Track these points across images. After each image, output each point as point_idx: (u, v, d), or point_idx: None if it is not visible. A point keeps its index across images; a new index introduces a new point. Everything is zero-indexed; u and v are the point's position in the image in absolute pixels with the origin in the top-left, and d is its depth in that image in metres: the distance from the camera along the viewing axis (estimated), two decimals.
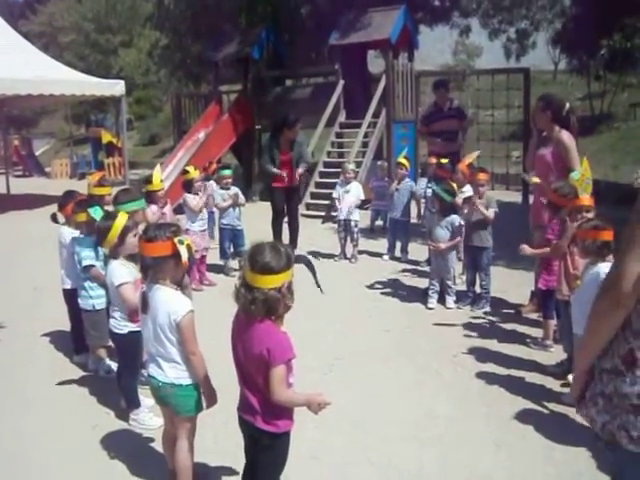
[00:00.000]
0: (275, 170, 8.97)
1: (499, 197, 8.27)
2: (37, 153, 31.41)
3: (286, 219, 9.50)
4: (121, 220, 4.43)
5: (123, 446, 4.26)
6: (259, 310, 2.89)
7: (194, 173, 8.24)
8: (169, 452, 3.70)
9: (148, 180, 7.15)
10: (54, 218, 5.67)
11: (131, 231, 4.46)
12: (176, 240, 3.40)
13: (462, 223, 7.11)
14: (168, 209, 7.42)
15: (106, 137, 24.68)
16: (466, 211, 7.09)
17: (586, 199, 5.15)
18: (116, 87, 17.71)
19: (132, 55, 35.03)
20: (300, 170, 9.12)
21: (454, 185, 7.21)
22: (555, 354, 5.53)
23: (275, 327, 2.96)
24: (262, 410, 3.01)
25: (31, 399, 5.06)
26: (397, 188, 9.31)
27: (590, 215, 5.00)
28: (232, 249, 8.66)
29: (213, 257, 8.67)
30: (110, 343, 5.16)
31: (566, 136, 6.20)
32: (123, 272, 4.36)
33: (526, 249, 5.71)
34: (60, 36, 37.89)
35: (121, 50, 35.86)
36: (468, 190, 7.68)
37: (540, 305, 6.34)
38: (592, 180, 5.55)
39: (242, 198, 8.68)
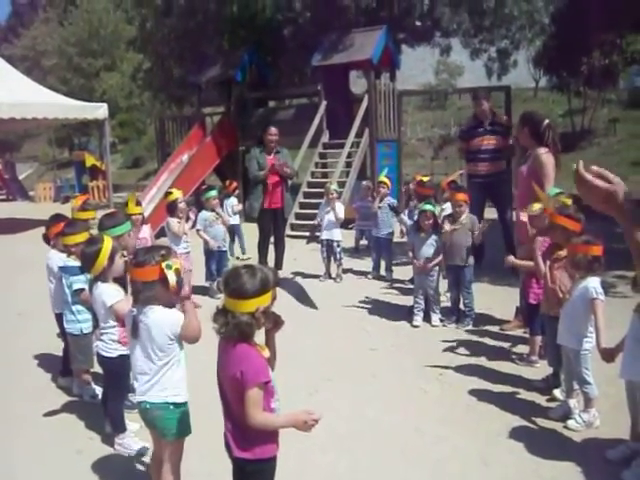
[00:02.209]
0: (263, 172, 8.95)
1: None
2: (21, 177, 31.33)
3: (272, 240, 9.47)
4: (108, 244, 4.42)
5: (108, 472, 4.22)
6: (230, 334, 2.86)
7: (177, 194, 8.19)
8: (156, 475, 3.67)
9: (126, 204, 7.13)
10: (46, 239, 5.67)
11: (118, 252, 4.48)
12: (164, 265, 3.41)
13: (443, 241, 7.16)
14: (148, 234, 7.37)
15: (90, 160, 24.66)
16: (447, 229, 7.06)
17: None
18: (99, 110, 17.75)
19: (115, 78, 35.17)
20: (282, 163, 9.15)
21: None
22: (541, 369, 5.54)
23: (252, 350, 2.91)
24: (238, 437, 2.95)
25: (15, 424, 5.00)
26: (379, 206, 9.32)
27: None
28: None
29: (199, 279, 8.63)
30: (95, 368, 5.13)
31: (543, 152, 6.21)
32: (113, 292, 4.37)
33: (510, 259, 5.73)
34: (43, 60, 37.97)
35: (104, 73, 35.96)
36: (448, 207, 7.73)
37: (526, 321, 6.36)
38: (572, 196, 5.53)
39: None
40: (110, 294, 4.35)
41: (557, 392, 5.01)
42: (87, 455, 4.45)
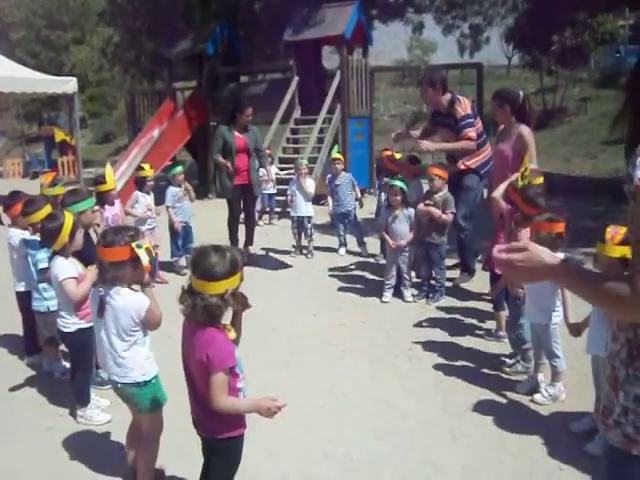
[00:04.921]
0: (222, 160, 8.77)
1: None
2: None
3: (242, 217, 9.41)
4: (70, 220, 4.39)
5: (78, 448, 4.20)
6: (199, 316, 2.83)
7: (149, 172, 8.14)
8: (130, 446, 3.71)
9: (99, 180, 7.03)
10: None
11: (78, 228, 4.46)
12: (134, 245, 3.38)
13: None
14: (119, 209, 7.30)
15: (59, 135, 24.27)
16: (421, 207, 7.07)
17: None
18: (68, 84, 17.46)
19: (85, 52, 34.65)
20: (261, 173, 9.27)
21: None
22: (508, 344, 5.60)
23: (218, 333, 2.89)
24: (205, 417, 2.97)
25: None
26: (338, 184, 9.32)
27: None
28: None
29: (165, 255, 8.51)
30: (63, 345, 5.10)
31: (526, 131, 6.19)
32: (68, 267, 4.34)
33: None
34: (10, 32, 37.24)
35: (73, 47, 35.40)
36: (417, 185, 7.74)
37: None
38: (543, 174, 5.58)
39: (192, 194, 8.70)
40: (63, 269, 4.33)
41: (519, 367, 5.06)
42: (57, 432, 4.44)
